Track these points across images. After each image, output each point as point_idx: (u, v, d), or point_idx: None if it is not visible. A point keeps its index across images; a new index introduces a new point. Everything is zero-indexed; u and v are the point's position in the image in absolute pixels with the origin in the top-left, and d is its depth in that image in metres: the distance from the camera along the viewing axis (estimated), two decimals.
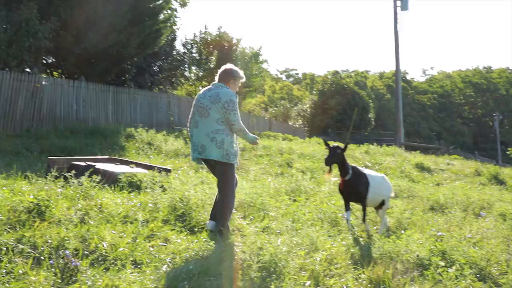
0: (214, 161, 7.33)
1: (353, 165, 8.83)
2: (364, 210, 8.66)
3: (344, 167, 8.52)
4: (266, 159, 17.10)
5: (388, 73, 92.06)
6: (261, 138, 25.28)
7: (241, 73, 7.85)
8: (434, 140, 71.12)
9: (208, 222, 7.45)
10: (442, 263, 6.73)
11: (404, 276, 6.29)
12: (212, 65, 37.31)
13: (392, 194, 9.59)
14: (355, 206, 9.47)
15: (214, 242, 6.44)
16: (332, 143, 8.73)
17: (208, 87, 7.68)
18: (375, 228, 9.05)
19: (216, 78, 7.78)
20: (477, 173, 20.88)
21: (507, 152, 31.95)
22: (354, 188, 8.52)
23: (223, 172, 7.37)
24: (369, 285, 5.98)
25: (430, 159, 24.79)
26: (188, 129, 7.71)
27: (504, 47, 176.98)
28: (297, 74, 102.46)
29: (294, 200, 10.06)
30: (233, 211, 7.61)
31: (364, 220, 8.64)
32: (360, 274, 6.28)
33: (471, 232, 9.22)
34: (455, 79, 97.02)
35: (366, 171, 8.92)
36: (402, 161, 20.84)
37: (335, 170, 8.78)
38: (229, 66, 7.82)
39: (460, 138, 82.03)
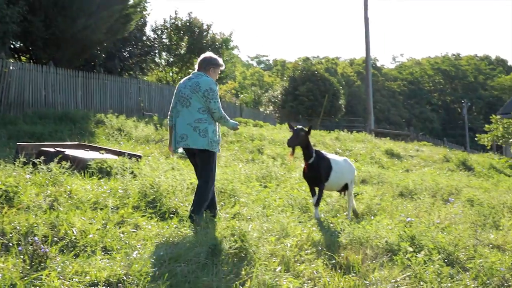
0: (198, 150, 7.33)
1: (317, 149, 8.79)
2: (320, 194, 8.57)
3: (307, 151, 8.47)
4: (237, 145, 17.11)
5: (358, 60, 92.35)
6: None
7: (220, 60, 7.80)
8: (403, 126, 71.67)
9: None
10: (411, 249, 6.81)
11: (374, 261, 6.34)
12: (182, 51, 37.14)
13: (355, 174, 9.62)
14: (327, 192, 9.49)
15: (185, 228, 6.44)
16: (297, 127, 8.65)
17: (188, 76, 7.66)
18: (345, 213, 9.10)
19: (196, 66, 7.74)
20: (445, 159, 21.11)
21: (475, 139, 32.29)
22: (316, 172, 8.48)
23: (206, 160, 7.39)
24: (339, 271, 6.03)
25: (400, 145, 24.99)
26: (170, 118, 7.68)
27: (473, 35, 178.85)
28: (268, 60, 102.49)
29: (265, 186, 10.09)
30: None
31: (317, 204, 8.53)
32: (330, 259, 6.32)
33: (439, 217, 9.34)
34: (425, 66, 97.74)
35: (329, 155, 8.90)
36: (372, 148, 20.99)
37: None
38: (208, 54, 7.79)
39: (429, 125, 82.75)
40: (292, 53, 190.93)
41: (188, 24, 37.46)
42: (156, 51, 36.40)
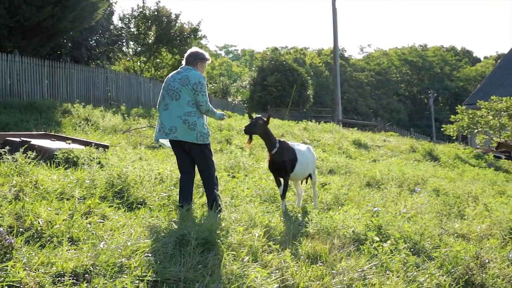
0: (189, 144, 7.49)
1: (282, 140, 8.72)
2: (285, 186, 8.51)
3: (269, 141, 8.38)
4: None
5: (326, 50, 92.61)
6: None
7: (207, 55, 7.98)
8: (371, 117, 72.09)
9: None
10: (378, 238, 6.88)
11: (341, 251, 6.39)
12: (150, 41, 36.90)
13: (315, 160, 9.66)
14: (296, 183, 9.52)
15: (152, 218, 6.41)
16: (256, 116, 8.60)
17: (177, 70, 7.82)
18: (312, 203, 9.15)
19: (183, 61, 7.89)
20: (412, 150, 21.32)
21: (441, 129, 32.66)
22: (281, 163, 8.41)
23: (203, 153, 7.60)
24: (307, 260, 6.06)
25: (367, 135, 25.16)
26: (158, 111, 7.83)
27: (439, 26, 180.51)
28: (236, 50, 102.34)
29: (233, 177, 10.08)
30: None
31: (284, 196, 8.51)
32: (298, 249, 6.35)
33: (406, 207, 9.44)
34: (392, 57, 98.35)
35: (295, 145, 8.82)
36: (340, 138, 21.10)
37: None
38: (194, 49, 7.98)
39: (396, 115, 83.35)
40: (261, 43, 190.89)
41: (156, 13, 37.20)
42: (124, 41, 36.09)
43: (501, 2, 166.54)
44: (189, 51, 7.94)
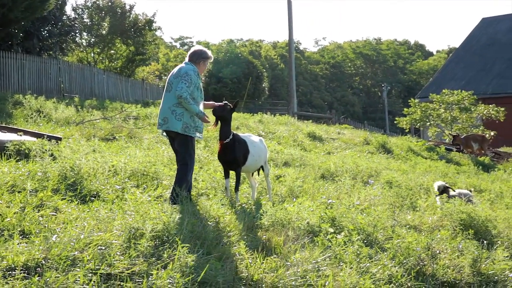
0: (175, 133, 7.87)
1: (234, 132, 8.66)
2: (238, 179, 8.49)
3: (226, 128, 8.30)
4: None
5: (281, 43, 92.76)
6: (155, 106, 25.00)
7: (209, 52, 8.31)
8: (326, 109, 72.41)
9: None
10: (332, 230, 6.94)
11: (295, 242, 6.43)
12: (104, 32, 36.47)
13: (267, 155, 9.69)
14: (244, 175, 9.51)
15: (106, 211, 6.35)
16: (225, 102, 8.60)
17: (179, 65, 8.17)
18: (267, 196, 9.17)
19: (186, 58, 8.25)
20: (366, 142, 21.51)
21: (395, 122, 33.00)
22: (233, 156, 8.34)
23: (183, 144, 7.90)
24: (261, 252, 6.08)
25: (322, 128, 25.30)
26: None
27: (393, 19, 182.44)
28: (191, 42, 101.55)
29: None
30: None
31: (237, 189, 8.49)
32: (252, 241, 6.37)
33: (359, 199, 9.54)
34: (347, 50, 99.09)
35: (246, 137, 8.76)
36: (295, 130, 21.17)
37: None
38: (198, 47, 8.28)
39: (350, 108, 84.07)
40: (216, 35, 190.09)
41: (109, 4, 36.80)
42: (77, 31, 35.62)
43: None
44: (193, 49, 8.25)
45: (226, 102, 8.45)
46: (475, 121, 30.26)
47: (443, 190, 9.57)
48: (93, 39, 37.26)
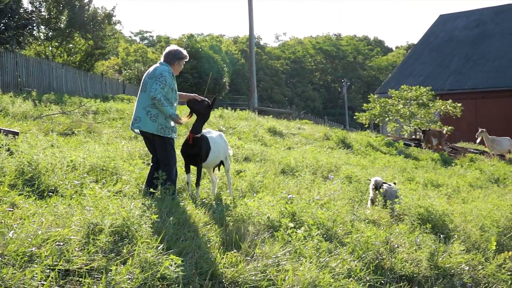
0: (151, 135, 7.96)
1: None
2: (199, 174, 8.48)
3: (201, 123, 8.28)
4: (120, 122, 16.81)
5: (242, 38, 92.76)
6: (115, 101, 24.78)
7: (184, 52, 8.34)
8: (286, 105, 72.72)
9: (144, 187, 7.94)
10: (292, 225, 6.98)
11: (256, 237, 6.44)
12: (62, 25, 35.96)
13: (230, 152, 9.70)
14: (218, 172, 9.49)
15: (64, 207, 6.28)
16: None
17: (154, 65, 8.22)
18: (227, 191, 9.17)
19: (161, 58, 8.28)
20: (326, 137, 21.63)
21: (354, 117, 33.28)
22: (198, 151, 8.32)
23: (162, 145, 7.99)
24: (221, 247, 6.08)
25: (282, 123, 25.35)
26: None
27: (353, 15, 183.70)
28: (151, 36, 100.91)
29: (148, 164, 9.98)
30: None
31: (198, 184, 8.48)
32: (212, 236, 6.36)
33: (319, 194, 9.60)
34: (307, 45, 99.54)
35: (207, 134, 8.71)
36: (255, 126, 21.18)
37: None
38: (173, 47, 8.30)
39: (311, 103, 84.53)
40: (176, 30, 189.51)
41: None
42: (34, 25, 35.04)
43: None
44: (168, 49, 8.26)
45: (204, 98, 8.45)
46: (433, 116, 30.70)
47: (380, 186, 9.67)
48: (51, 33, 36.68)
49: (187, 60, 8.45)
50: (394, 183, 10.47)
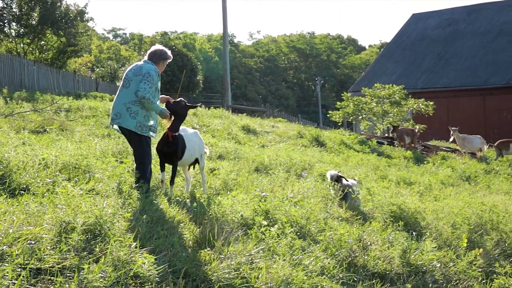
0: (129, 131, 7.97)
1: None
2: (174, 172, 8.50)
3: (179, 123, 8.31)
4: (93, 120, 16.69)
5: (216, 36, 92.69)
6: (87, 99, 24.61)
7: (169, 53, 8.45)
8: (260, 103, 72.73)
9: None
10: (265, 222, 6.98)
11: (229, 235, 6.44)
12: (34, 22, 35.58)
13: (207, 152, 9.71)
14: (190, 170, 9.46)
15: (36, 205, 6.21)
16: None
17: (137, 62, 8.27)
18: (201, 189, 9.15)
19: (146, 56, 8.30)
20: (299, 135, 21.67)
21: (328, 115, 33.41)
22: (174, 150, 8.31)
23: (138, 143, 8.03)
24: (195, 245, 6.07)
25: (256, 121, 25.37)
26: None
27: (327, 13, 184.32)
28: (125, 34, 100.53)
29: (121, 162, 9.91)
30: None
31: (172, 182, 8.49)
32: (186, 234, 6.35)
33: (293, 192, 9.62)
34: (281, 43, 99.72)
35: (182, 132, 8.66)
36: (229, 124, 21.16)
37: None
38: (158, 47, 8.37)
39: (284, 101, 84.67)
40: (150, 27, 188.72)
41: None
42: (5, 21, 34.65)
43: None
44: (153, 48, 8.31)
45: (181, 98, 8.52)
46: (405, 115, 30.94)
47: (336, 179, 9.73)
48: (22, 30, 36.29)
49: (170, 60, 8.48)
50: (354, 179, 10.55)
